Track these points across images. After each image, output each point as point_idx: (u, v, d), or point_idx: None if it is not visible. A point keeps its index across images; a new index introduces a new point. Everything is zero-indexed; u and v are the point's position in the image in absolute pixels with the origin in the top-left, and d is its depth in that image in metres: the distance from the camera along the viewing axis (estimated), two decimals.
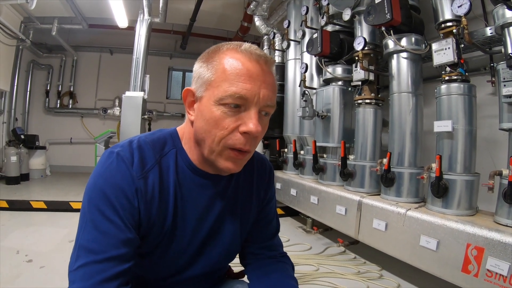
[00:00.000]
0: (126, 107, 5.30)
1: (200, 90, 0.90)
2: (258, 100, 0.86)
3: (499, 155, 2.77)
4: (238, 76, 0.85)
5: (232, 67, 0.86)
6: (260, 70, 0.87)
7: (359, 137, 3.34)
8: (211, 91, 0.87)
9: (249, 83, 0.85)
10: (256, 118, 0.86)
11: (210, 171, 0.99)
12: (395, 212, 2.59)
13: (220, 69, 0.87)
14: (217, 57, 0.89)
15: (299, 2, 4.89)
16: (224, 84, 0.85)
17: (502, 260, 1.83)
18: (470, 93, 2.41)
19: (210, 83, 0.88)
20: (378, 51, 3.43)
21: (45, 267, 2.73)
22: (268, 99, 0.88)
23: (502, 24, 2.18)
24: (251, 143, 0.89)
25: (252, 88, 0.85)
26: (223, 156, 0.90)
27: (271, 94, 0.89)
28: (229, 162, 0.90)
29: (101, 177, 0.86)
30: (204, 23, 8.03)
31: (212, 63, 0.89)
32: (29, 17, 7.15)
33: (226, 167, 0.91)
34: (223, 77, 0.86)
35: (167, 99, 9.71)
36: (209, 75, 0.88)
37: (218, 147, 0.88)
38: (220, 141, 0.87)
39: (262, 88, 0.86)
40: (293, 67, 4.95)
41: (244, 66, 0.86)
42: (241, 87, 0.84)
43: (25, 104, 8.27)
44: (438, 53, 2.51)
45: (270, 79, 0.90)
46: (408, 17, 2.84)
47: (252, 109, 0.86)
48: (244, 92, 0.84)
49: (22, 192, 5.71)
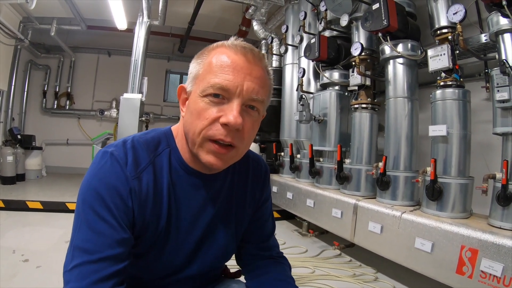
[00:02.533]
0: (124, 109, 5.28)
1: (190, 85, 0.92)
2: (241, 92, 0.85)
3: (493, 159, 2.81)
4: (221, 68, 0.85)
5: (218, 60, 0.87)
6: (245, 62, 0.87)
7: (355, 141, 3.37)
8: (197, 85, 0.89)
9: (232, 74, 0.84)
10: (237, 110, 0.84)
11: (202, 170, 0.99)
12: (390, 215, 2.62)
13: (207, 63, 0.88)
14: (207, 53, 0.91)
15: (297, 7, 4.92)
16: (209, 76, 0.86)
17: (496, 262, 1.86)
18: (465, 98, 2.45)
19: (197, 77, 0.89)
20: (374, 56, 3.47)
21: (42, 266, 2.72)
22: (253, 92, 0.87)
23: (497, 31, 2.24)
24: (233, 136, 0.87)
25: (234, 80, 0.84)
26: (205, 149, 0.88)
27: (257, 87, 0.88)
28: (210, 155, 0.88)
29: (95, 177, 0.86)
30: (203, 27, 8.05)
31: (201, 59, 0.91)
32: (28, 17, 7.13)
33: (207, 161, 0.89)
34: (209, 69, 0.87)
35: (164, 101, 9.69)
36: (197, 69, 0.90)
37: (198, 138, 0.87)
38: (201, 132, 0.86)
39: (246, 80, 0.86)
40: (291, 72, 4.97)
41: (229, 59, 0.86)
42: (223, 78, 0.84)
43: (22, 104, 8.21)
44: (434, 59, 2.56)
45: (258, 73, 0.89)
46: (404, 23, 2.88)
47: (234, 101, 0.85)
48: (225, 83, 0.84)
49: (18, 192, 5.69)
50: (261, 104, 0.92)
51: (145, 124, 5.77)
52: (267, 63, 0.95)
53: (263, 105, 0.93)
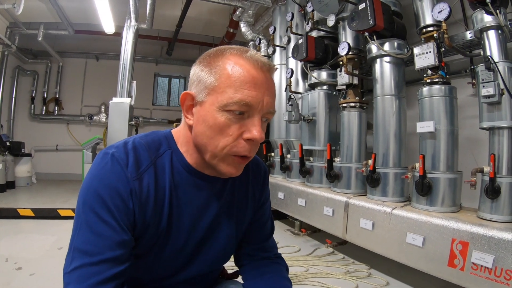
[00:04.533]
0: (113, 113, 5.25)
1: (202, 95, 0.89)
2: (262, 107, 0.87)
3: (480, 153, 2.85)
4: (243, 83, 0.84)
5: (237, 74, 0.85)
6: (264, 77, 0.88)
7: (345, 139, 3.40)
8: (214, 97, 0.86)
9: (254, 91, 0.85)
10: (259, 125, 0.87)
11: (208, 173, 0.99)
12: (381, 211, 2.64)
13: (225, 74, 0.86)
14: (221, 62, 0.88)
15: (284, 8, 4.95)
16: (229, 90, 0.84)
17: (486, 253, 1.90)
18: (451, 94, 2.50)
19: (213, 88, 0.87)
20: (361, 55, 3.50)
21: (35, 274, 2.68)
22: (270, 106, 0.89)
23: (481, 28, 2.29)
24: (254, 149, 0.91)
25: (257, 96, 0.85)
26: (226, 162, 0.90)
27: (273, 101, 0.91)
28: (231, 167, 0.91)
29: (96, 179, 0.85)
30: (190, 29, 8.05)
31: (215, 68, 0.88)
32: (15, 22, 7.07)
33: (228, 172, 0.91)
34: (228, 83, 0.85)
35: (153, 105, 9.66)
36: (212, 80, 0.87)
37: (221, 153, 0.88)
38: (224, 147, 0.87)
39: (265, 95, 0.87)
40: (279, 72, 4.96)
41: (249, 73, 0.85)
42: (246, 94, 0.84)
43: (10, 111, 8.14)
44: (420, 57, 2.59)
45: (272, 87, 0.91)
46: (390, 22, 2.92)
47: (255, 116, 0.87)
48: (249, 99, 0.84)
49: (9, 199, 5.61)
50: (273, 115, 0.95)
51: (135, 128, 5.74)
52: None
53: (273, 116, 0.95)
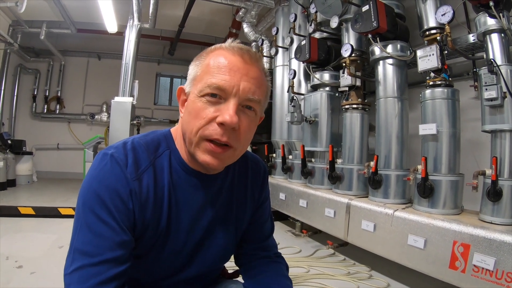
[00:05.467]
0: (115, 112, 5.25)
1: (188, 86, 0.93)
2: (238, 92, 0.86)
3: (482, 156, 2.86)
4: (218, 68, 0.87)
5: (215, 61, 0.88)
6: (241, 63, 0.88)
7: (347, 141, 3.40)
8: (195, 86, 0.90)
9: (229, 75, 0.86)
10: (233, 110, 0.85)
11: (202, 171, 0.99)
12: (383, 213, 2.65)
13: (205, 64, 0.90)
14: (205, 55, 0.93)
15: (287, 9, 4.94)
16: (206, 77, 0.87)
17: (487, 256, 1.90)
18: (454, 97, 2.50)
19: (195, 78, 0.91)
20: (364, 57, 3.51)
21: (36, 272, 2.67)
22: (249, 92, 0.88)
23: (484, 31, 2.30)
24: (229, 135, 0.87)
25: (231, 80, 0.86)
26: (201, 149, 0.89)
27: (253, 87, 0.89)
28: (206, 155, 0.89)
29: (95, 179, 0.85)
30: (193, 30, 8.07)
31: (199, 61, 0.93)
32: (17, 20, 7.09)
33: (204, 161, 0.90)
34: (206, 70, 0.89)
35: (155, 105, 9.65)
36: (196, 71, 0.92)
37: (195, 137, 0.88)
38: (198, 131, 0.87)
39: (243, 80, 0.87)
40: (281, 73, 4.98)
41: (226, 59, 0.88)
42: (220, 78, 0.86)
43: (12, 109, 8.15)
44: (423, 59, 2.60)
45: (254, 73, 0.90)
46: (393, 24, 2.92)
47: (230, 101, 0.86)
48: (222, 82, 0.85)
49: (9, 198, 5.61)
50: (258, 104, 0.93)
51: (137, 127, 5.74)
52: (264, 64, 0.97)
53: (260, 105, 0.94)
